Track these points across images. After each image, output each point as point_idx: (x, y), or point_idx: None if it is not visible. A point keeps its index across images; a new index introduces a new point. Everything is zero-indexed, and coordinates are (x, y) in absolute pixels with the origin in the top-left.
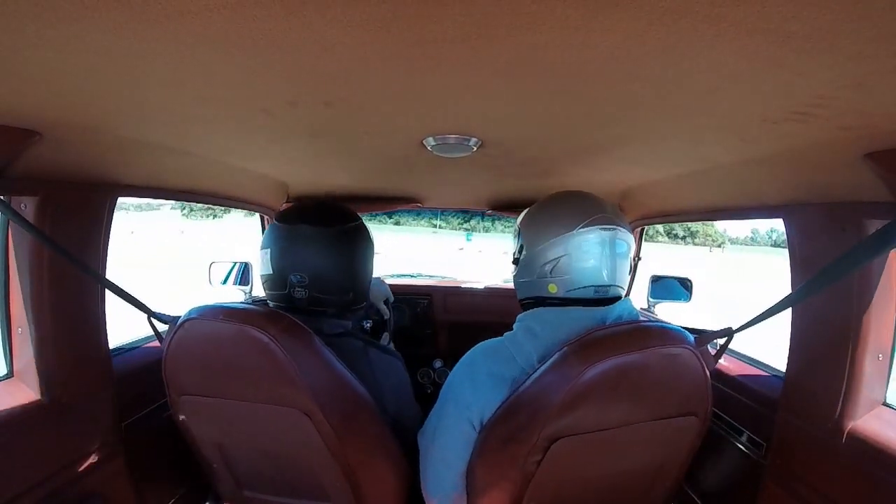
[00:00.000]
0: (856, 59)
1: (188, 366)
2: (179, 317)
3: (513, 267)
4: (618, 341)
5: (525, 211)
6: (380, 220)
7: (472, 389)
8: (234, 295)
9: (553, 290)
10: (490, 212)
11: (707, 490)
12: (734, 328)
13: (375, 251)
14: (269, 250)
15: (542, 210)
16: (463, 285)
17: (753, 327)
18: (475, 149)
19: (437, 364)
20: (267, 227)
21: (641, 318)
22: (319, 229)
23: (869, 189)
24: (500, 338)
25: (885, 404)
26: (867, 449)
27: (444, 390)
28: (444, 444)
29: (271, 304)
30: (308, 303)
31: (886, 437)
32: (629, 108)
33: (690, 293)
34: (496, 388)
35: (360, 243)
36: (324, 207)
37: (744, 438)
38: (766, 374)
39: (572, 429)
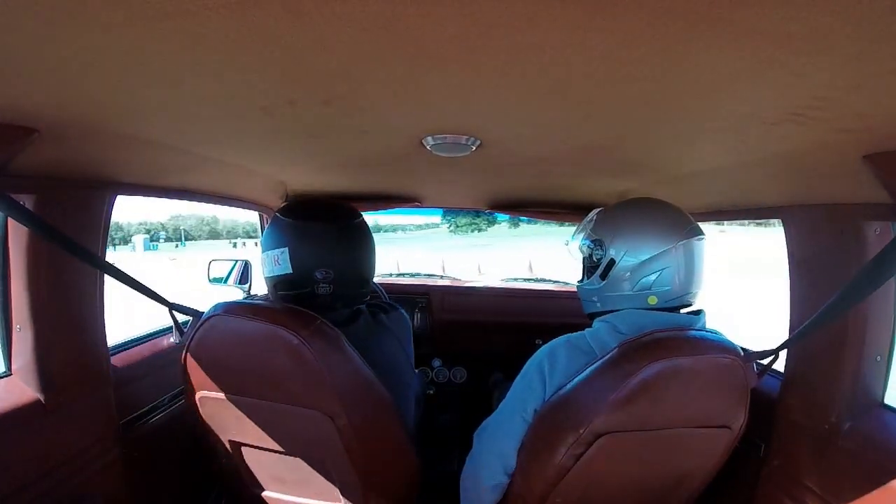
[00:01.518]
0: (855, 61)
1: (211, 362)
2: (202, 311)
3: (594, 279)
4: (676, 344)
5: (598, 219)
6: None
7: (550, 376)
8: (232, 294)
9: (653, 301)
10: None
11: (705, 490)
12: (776, 348)
13: None
14: (285, 249)
15: (635, 221)
16: (461, 285)
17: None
18: (474, 148)
19: (436, 363)
20: (270, 225)
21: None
22: (340, 224)
23: (867, 191)
24: (580, 332)
25: (884, 405)
26: (865, 450)
27: (516, 381)
28: (511, 430)
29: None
30: (333, 298)
31: (884, 438)
32: (628, 109)
33: None
34: (566, 379)
35: (370, 237)
36: (331, 204)
37: (742, 438)
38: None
39: (620, 426)
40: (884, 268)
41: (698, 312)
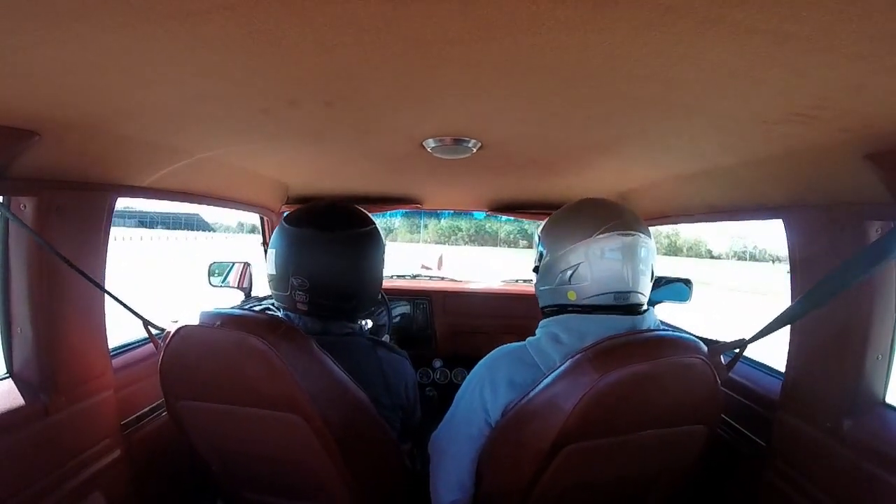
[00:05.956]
0: (855, 60)
1: (185, 372)
2: (175, 323)
3: (534, 275)
4: (633, 350)
5: (546, 219)
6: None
7: (492, 394)
8: (232, 294)
9: (572, 297)
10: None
11: (706, 491)
12: (746, 339)
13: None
14: (274, 251)
15: (562, 218)
16: (462, 287)
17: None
18: (475, 150)
19: (437, 364)
20: (269, 227)
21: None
22: (324, 234)
23: (869, 190)
24: (521, 343)
25: (885, 404)
26: (867, 449)
27: (460, 394)
28: (460, 448)
29: (276, 304)
30: (310, 306)
31: (886, 437)
32: (629, 109)
33: (691, 293)
34: (514, 394)
35: (367, 249)
36: (334, 211)
37: (743, 439)
38: (765, 373)
39: (583, 435)
40: (860, 264)
41: (643, 311)
